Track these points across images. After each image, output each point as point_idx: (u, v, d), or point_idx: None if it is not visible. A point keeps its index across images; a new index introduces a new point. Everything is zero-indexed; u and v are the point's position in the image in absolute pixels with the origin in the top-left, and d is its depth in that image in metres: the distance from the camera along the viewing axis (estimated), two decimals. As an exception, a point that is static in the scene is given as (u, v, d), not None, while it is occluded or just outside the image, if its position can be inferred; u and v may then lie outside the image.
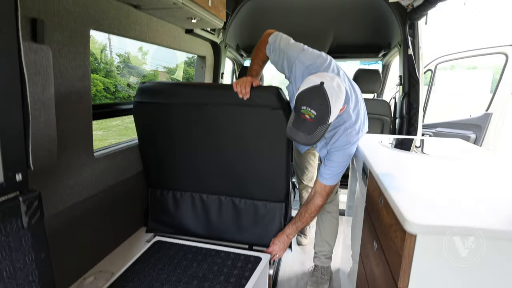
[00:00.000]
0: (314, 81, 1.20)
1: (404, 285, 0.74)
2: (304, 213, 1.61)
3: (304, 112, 1.19)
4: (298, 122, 1.24)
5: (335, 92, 1.19)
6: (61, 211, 1.27)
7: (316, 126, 1.21)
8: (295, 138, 1.25)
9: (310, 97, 1.19)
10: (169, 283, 1.35)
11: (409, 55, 2.51)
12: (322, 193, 1.58)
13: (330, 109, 1.19)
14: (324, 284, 1.87)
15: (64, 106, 1.19)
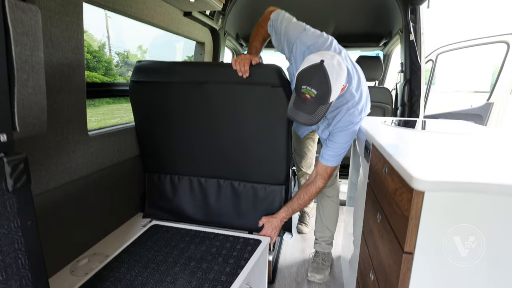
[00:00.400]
0: (314, 59, 1.17)
1: (410, 248, 0.70)
2: (303, 195, 1.58)
3: (304, 91, 1.17)
4: (298, 102, 1.21)
5: (336, 70, 1.16)
6: (52, 189, 1.23)
7: (317, 105, 1.19)
8: (296, 118, 1.23)
9: (310, 76, 1.16)
10: (165, 264, 1.31)
11: (410, 41, 2.47)
12: (324, 175, 1.55)
13: (330, 88, 1.16)
14: (325, 270, 1.85)
15: (56, 78, 1.15)
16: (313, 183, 1.57)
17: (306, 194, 1.58)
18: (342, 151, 1.49)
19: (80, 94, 1.28)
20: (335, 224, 1.92)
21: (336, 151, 1.49)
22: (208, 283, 1.20)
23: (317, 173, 1.56)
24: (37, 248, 0.81)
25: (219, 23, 2.73)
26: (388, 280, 0.82)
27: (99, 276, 1.22)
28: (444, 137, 1.18)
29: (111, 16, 18.40)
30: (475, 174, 0.69)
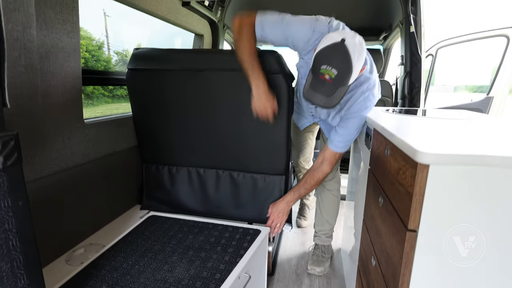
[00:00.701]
0: (334, 38, 1.11)
1: (414, 226, 0.68)
2: (310, 180, 1.55)
3: (323, 72, 1.11)
4: (316, 83, 1.15)
5: (357, 50, 1.10)
6: (46, 176, 1.20)
7: (336, 87, 1.13)
8: (313, 100, 1.18)
9: (330, 55, 1.10)
10: (163, 253, 1.29)
11: (411, 33, 2.45)
12: (332, 160, 1.51)
13: (352, 68, 1.10)
14: (325, 262, 1.82)
15: (50, 61, 1.12)
16: (319, 168, 1.53)
17: (312, 179, 1.55)
18: (353, 136, 1.44)
19: (76, 79, 1.25)
20: (335, 218, 1.90)
21: (346, 137, 1.43)
22: (206, 271, 1.18)
23: (324, 159, 1.52)
24: (29, 230, 0.78)
25: (218, 15, 2.70)
26: (391, 262, 0.80)
27: (94, 264, 1.20)
28: (446, 122, 1.16)
29: (109, 15, 18.37)
30: (480, 149, 0.67)
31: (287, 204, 1.57)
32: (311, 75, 1.17)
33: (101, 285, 1.09)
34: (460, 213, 0.66)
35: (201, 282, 1.12)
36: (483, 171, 0.62)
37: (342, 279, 1.75)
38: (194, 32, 2.54)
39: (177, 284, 1.10)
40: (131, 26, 37.84)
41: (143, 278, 1.13)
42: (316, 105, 1.25)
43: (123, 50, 17.71)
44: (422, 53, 2.46)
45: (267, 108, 1.31)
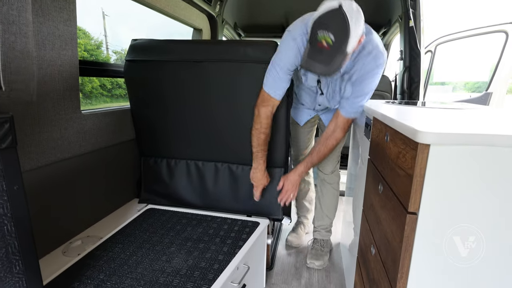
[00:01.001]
0: (331, 4, 1.08)
1: (415, 208, 0.67)
2: (323, 148, 1.52)
3: (320, 38, 1.07)
4: (314, 52, 1.12)
5: (355, 14, 1.07)
6: (43, 166, 1.19)
7: (334, 54, 1.10)
8: (311, 69, 1.14)
9: (327, 20, 1.07)
10: (161, 244, 1.28)
11: (410, 28, 2.45)
12: (344, 127, 1.48)
13: (349, 33, 1.06)
14: (324, 256, 1.82)
15: (46, 49, 1.11)
16: (332, 135, 1.49)
17: (325, 147, 1.51)
18: (366, 100, 1.39)
19: (73, 68, 1.24)
20: (334, 212, 1.89)
21: (359, 101, 1.38)
22: (205, 262, 1.17)
23: (337, 125, 1.48)
24: (25, 215, 0.77)
25: (216, 9, 2.69)
26: (391, 248, 0.79)
27: (92, 255, 1.19)
28: (446, 111, 1.15)
29: (108, 14, 18.32)
30: (482, 130, 0.67)
31: (299, 175, 1.55)
32: (309, 45, 1.14)
33: (98, 275, 1.08)
34: (461, 194, 0.65)
35: (199, 272, 1.11)
36: (484, 150, 0.61)
37: (341, 273, 1.74)
38: (193, 26, 2.52)
39: (175, 274, 1.09)
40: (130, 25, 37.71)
41: (141, 268, 1.12)
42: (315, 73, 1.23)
43: (122, 49, 17.68)
44: (421, 47, 2.45)
45: (257, 185, 1.56)
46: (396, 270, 0.73)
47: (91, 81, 13.80)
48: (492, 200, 0.64)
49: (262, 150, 1.48)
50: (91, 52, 14.83)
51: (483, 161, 0.62)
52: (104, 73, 1.65)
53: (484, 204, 0.65)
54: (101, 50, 15.91)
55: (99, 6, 17.44)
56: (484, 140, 0.61)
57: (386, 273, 0.83)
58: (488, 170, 0.63)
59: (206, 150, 1.68)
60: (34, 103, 1.11)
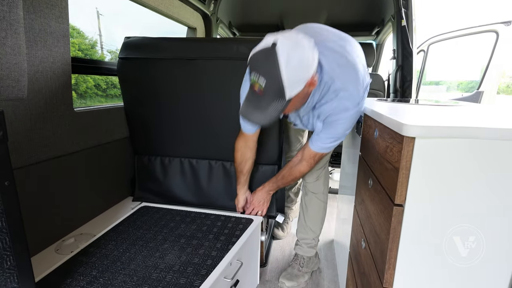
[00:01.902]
0: (267, 41, 0.93)
1: (401, 200, 0.69)
2: (287, 176, 1.43)
3: (252, 82, 0.95)
4: (250, 96, 1.00)
5: (291, 56, 0.90)
6: (35, 164, 1.19)
7: (270, 100, 0.95)
8: (248, 117, 1.00)
9: (258, 62, 0.93)
10: (154, 241, 1.28)
11: (402, 27, 2.47)
12: (310, 161, 1.35)
13: (281, 79, 0.90)
14: (300, 277, 1.61)
15: (38, 46, 1.11)
16: (296, 166, 1.38)
17: (289, 176, 1.42)
18: (338, 140, 1.23)
19: (65, 66, 1.24)
20: (320, 225, 1.65)
21: (330, 140, 1.23)
22: (198, 258, 1.17)
23: (303, 157, 1.35)
24: (16, 211, 0.77)
25: (211, 8, 2.70)
26: (379, 240, 0.81)
27: (85, 252, 1.19)
28: (436, 108, 1.17)
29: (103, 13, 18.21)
30: (467, 123, 0.68)
31: (267, 193, 1.52)
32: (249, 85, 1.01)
33: (90, 272, 1.08)
34: (446, 187, 0.67)
35: (192, 267, 1.11)
36: (468, 143, 0.63)
37: (334, 269, 1.76)
38: (187, 25, 2.53)
39: (168, 270, 1.09)
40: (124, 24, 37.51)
41: (134, 265, 1.12)
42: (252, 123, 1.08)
43: (117, 49, 17.55)
44: (413, 47, 2.48)
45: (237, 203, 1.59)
46: (384, 262, 0.75)
47: (86, 81, 13.71)
48: (477, 191, 0.66)
49: (240, 175, 1.53)
50: (85, 52, 14.72)
51: (467, 153, 0.64)
52: (97, 70, 1.65)
53: (469, 195, 0.66)
54: (95, 49, 15.81)
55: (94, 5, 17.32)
56: (467, 132, 0.62)
57: (375, 265, 0.84)
58: (472, 162, 0.64)
59: (200, 147, 1.69)
60: (25, 100, 1.10)
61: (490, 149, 0.63)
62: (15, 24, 0.87)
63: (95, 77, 13.54)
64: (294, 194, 2.16)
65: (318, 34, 1.14)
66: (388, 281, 0.74)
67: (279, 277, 1.64)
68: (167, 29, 3.94)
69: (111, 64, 1.71)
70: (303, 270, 1.64)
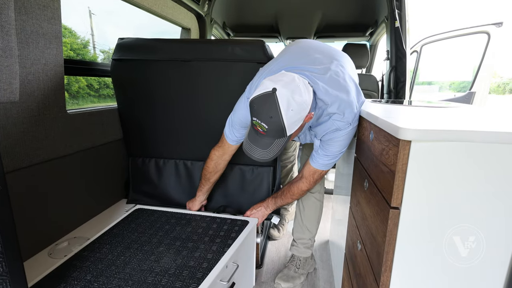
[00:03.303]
0: (266, 86, 1.00)
1: (397, 203, 0.69)
2: (286, 193, 1.47)
3: (255, 123, 1.03)
4: (253, 133, 1.08)
5: (290, 101, 0.98)
6: (27, 167, 1.17)
7: (272, 139, 1.04)
8: (250, 153, 1.09)
9: (259, 107, 1.00)
10: (149, 244, 1.27)
11: (396, 28, 2.49)
12: (310, 180, 1.39)
13: (283, 122, 0.99)
14: (296, 278, 1.63)
15: (30, 48, 1.09)
16: (296, 184, 1.43)
17: (288, 193, 1.46)
18: (335, 159, 1.29)
19: (58, 67, 1.22)
20: (316, 225, 1.67)
21: (328, 158, 1.29)
22: (194, 261, 1.17)
23: (303, 176, 1.39)
24: (8, 216, 0.76)
25: (205, 8, 2.69)
26: (375, 242, 0.81)
27: (78, 256, 1.17)
28: (430, 109, 1.18)
29: (95, 13, 18.04)
30: (463, 126, 0.69)
31: (266, 209, 1.53)
32: (250, 123, 1.08)
33: (85, 276, 1.06)
34: (442, 190, 0.67)
35: (188, 271, 1.11)
36: (464, 146, 0.64)
37: (330, 269, 1.76)
38: (181, 25, 2.51)
39: (163, 274, 1.09)
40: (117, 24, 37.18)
41: (129, 269, 1.11)
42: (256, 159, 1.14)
43: (109, 48, 17.41)
44: (407, 48, 2.50)
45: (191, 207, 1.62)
46: (380, 264, 0.75)
47: (78, 81, 13.56)
48: (472, 194, 0.66)
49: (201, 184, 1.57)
50: (77, 51, 14.57)
51: (463, 156, 0.65)
52: (91, 72, 1.63)
53: (464, 198, 0.67)
54: (87, 49, 15.65)
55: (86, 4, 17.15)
56: (463, 136, 0.63)
57: (371, 267, 0.85)
58: (467, 165, 0.65)
59: (194, 149, 1.68)
60: (17, 103, 1.09)
61: (487, 152, 0.63)
62: (6, 25, 0.85)
63: (87, 77, 13.39)
64: None
65: (311, 59, 1.22)
66: (385, 283, 0.74)
67: (275, 279, 1.64)
68: (160, 29, 3.90)
69: (104, 66, 1.69)
70: (299, 272, 1.65)
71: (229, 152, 1.46)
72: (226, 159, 1.48)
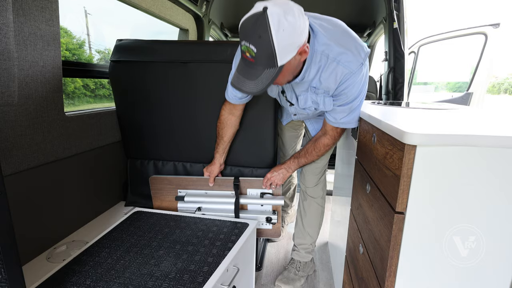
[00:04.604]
0: (257, 7, 0.90)
1: (402, 208, 0.69)
2: (311, 150, 1.40)
3: (244, 49, 0.93)
4: (242, 65, 0.99)
5: (282, 20, 0.88)
6: (25, 171, 1.15)
7: (261, 68, 0.94)
8: (240, 87, 0.98)
9: (249, 28, 0.90)
10: (149, 248, 1.26)
11: (394, 29, 2.50)
12: (334, 134, 1.32)
13: (273, 44, 0.88)
14: (297, 281, 1.62)
15: (28, 50, 1.08)
16: (321, 139, 1.36)
17: (313, 150, 1.39)
18: (355, 112, 1.20)
19: (56, 69, 1.21)
20: (317, 230, 1.66)
21: (345, 113, 1.19)
22: (194, 264, 1.16)
23: (326, 132, 1.33)
24: (7, 222, 0.75)
25: (203, 9, 2.68)
26: (379, 247, 0.81)
27: (77, 260, 1.16)
28: (430, 111, 1.18)
29: (91, 13, 17.93)
30: (466, 131, 0.69)
31: (287, 170, 1.46)
32: (239, 54, 0.98)
33: (84, 281, 1.05)
34: (447, 194, 0.67)
35: (188, 275, 1.09)
36: (469, 150, 0.63)
37: (329, 271, 1.76)
38: (179, 26, 2.50)
39: (164, 278, 1.07)
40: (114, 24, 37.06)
41: (129, 273, 1.10)
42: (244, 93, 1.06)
43: (105, 48, 17.31)
44: (405, 48, 2.50)
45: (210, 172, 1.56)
46: (384, 269, 0.75)
47: (74, 81, 13.46)
48: (478, 199, 0.66)
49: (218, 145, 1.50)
50: (73, 51, 14.45)
51: (468, 161, 0.64)
52: (89, 73, 1.61)
53: (470, 203, 0.67)
54: (83, 49, 15.54)
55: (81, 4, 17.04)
56: (468, 140, 0.63)
57: (374, 271, 0.84)
58: (473, 170, 0.65)
59: (193, 151, 1.67)
60: (15, 105, 1.07)
61: (493, 156, 0.63)
62: (4, 28, 0.84)
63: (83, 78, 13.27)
64: (289, 199, 2.16)
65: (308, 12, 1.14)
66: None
67: (274, 281, 1.64)
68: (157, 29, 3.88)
69: (102, 67, 1.67)
70: (299, 274, 1.64)
71: (237, 108, 1.39)
72: (236, 114, 1.41)
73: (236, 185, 1.56)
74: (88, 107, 1.58)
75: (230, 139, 1.49)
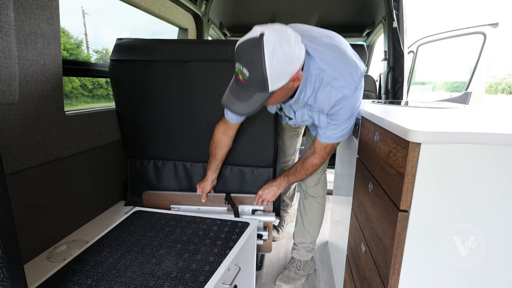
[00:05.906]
0: (255, 31, 0.92)
1: (406, 206, 0.69)
2: (300, 169, 1.43)
3: (237, 71, 0.95)
4: (234, 85, 1.01)
5: (277, 48, 0.89)
6: (26, 170, 1.15)
7: (252, 91, 0.95)
8: (229, 106, 1.01)
9: (243, 51, 0.92)
10: (150, 247, 1.25)
11: (393, 29, 2.50)
12: (322, 154, 1.35)
13: (265, 70, 0.90)
14: (297, 280, 1.63)
15: (28, 48, 1.07)
16: (309, 159, 1.39)
17: (302, 169, 1.42)
18: (346, 130, 1.23)
19: (56, 68, 1.20)
20: (318, 229, 1.67)
21: (337, 130, 1.23)
22: (195, 264, 1.15)
23: (314, 151, 1.36)
24: (9, 221, 0.74)
25: (202, 9, 2.67)
26: (382, 245, 0.81)
27: (78, 260, 1.15)
28: (430, 110, 1.18)
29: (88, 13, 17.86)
30: (471, 129, 0.69)
31: (277, 187, 1.49)
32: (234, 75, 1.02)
33: (85, 281, 1.05)
34: (452, 191, 0.67)
35: (190, 274, 1.09)
36: (474, 148, 0.63)
37: (330, 270, 1.76)
38: (178, 25, 2.49)
39: (165, 277, 1.07)
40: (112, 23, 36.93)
41: (130, 272, 1.09)
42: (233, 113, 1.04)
43: (103, 48, 17.27)
44: (404, 48, 2.51)
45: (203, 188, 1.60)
46: (388, 267, 0.75)
47: (71, 81, 13.42)
48: (484, 197, 0.66)
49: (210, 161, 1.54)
50: (70, 51, 14.42)
51: (473, 159, 0.64)
52: (89, 72, 1.61)
53: (475, 201, 0.67)
54: (81, 49, 15.50)
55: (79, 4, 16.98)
56: (473, 138, 0.63)
57: (377, 270, 0.84)
58: (477, 167, 0.65)
59: (194, 150, 1.66)
60: (15, 104, 1.06)
61: (500, 154, 0.63)
62: (5, 26, 0.83)
63: (81, 77, 13.24)
64: (289, 199, 2.16)
65: (306, 31, 1.13)
66: (393, 286, 0.74)
67: (275, 280, 1.64)
68: (156, 29, 3.88)
69: (102, 66, 1.67)
70: (300, 273, 1.64)
71: (232, 128, 1.42)
72: (230, 134, 1.44)
73: (229, 198, 1.60)
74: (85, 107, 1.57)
75: (223, 158, 1.54)
